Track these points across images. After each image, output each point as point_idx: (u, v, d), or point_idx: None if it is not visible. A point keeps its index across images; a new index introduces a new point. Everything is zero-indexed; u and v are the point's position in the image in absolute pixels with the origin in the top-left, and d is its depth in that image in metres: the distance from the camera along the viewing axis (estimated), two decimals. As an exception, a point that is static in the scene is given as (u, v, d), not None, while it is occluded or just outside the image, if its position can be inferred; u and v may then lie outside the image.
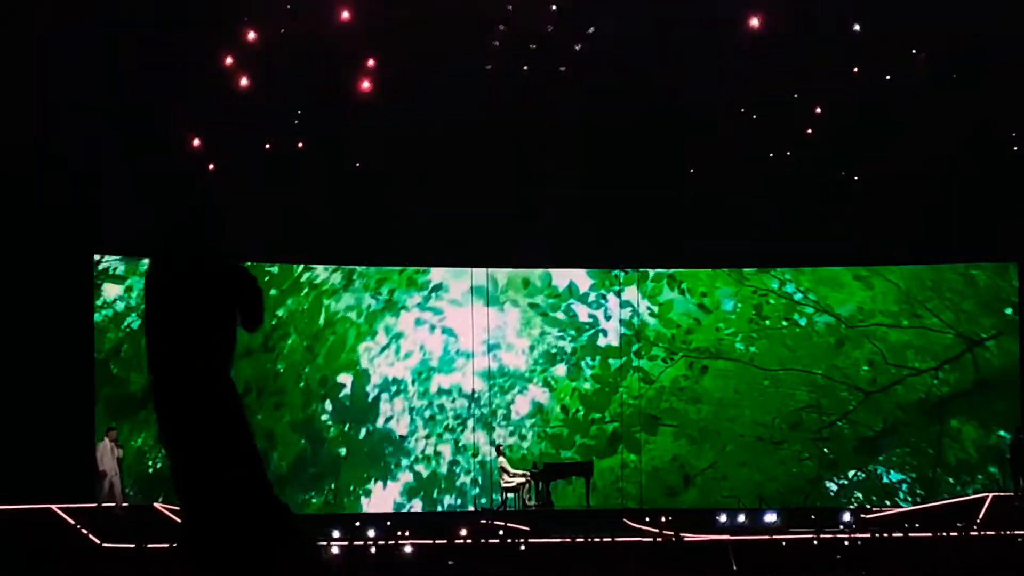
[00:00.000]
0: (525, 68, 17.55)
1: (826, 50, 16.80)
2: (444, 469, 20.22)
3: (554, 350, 20.55)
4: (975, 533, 13.97)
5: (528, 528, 15.97)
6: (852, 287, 20.38)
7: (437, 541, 13.84)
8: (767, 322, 20.39)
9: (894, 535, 13.76)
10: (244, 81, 16.47)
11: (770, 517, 16.40)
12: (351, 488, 19.84)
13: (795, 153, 18.67)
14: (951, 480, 19.55)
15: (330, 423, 20.01)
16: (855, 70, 17.21)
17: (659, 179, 19.11)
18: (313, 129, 18.11)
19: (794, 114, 18.01)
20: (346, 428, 20.09)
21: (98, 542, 14.18)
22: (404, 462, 20.14)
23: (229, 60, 16.27)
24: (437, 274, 20.50)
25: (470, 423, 20.32)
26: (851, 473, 19.88)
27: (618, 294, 20.68)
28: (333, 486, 19.83)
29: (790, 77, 17.37)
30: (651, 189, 19.14)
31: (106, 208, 17.76)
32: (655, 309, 20.63)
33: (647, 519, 17.00)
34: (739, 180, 18.93)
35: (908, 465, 19.73)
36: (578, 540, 13.74)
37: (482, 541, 14.04)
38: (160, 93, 16.61)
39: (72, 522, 15.01)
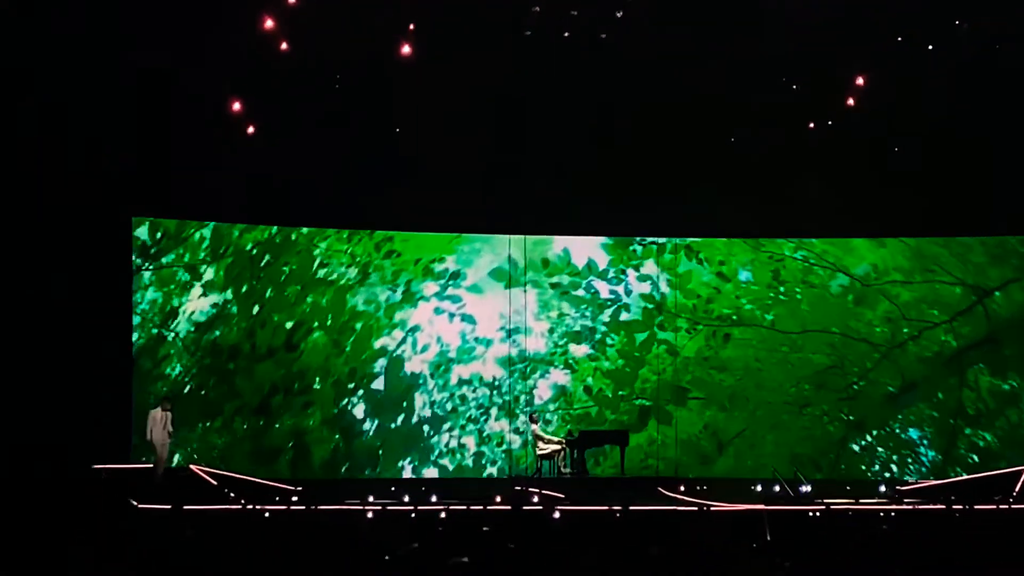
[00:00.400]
0: (566, 34, 17.77)
1: (864, 20, 17.02)
2: (470, 462, 20.51)
3: (577, 328, 20.88)
4: (1009, 507, 14.28)
5: (563, 495, 16.26)
6: (863, 249, 20.80)
7: (472, 507, 14.24)
8: (783, 287, 20.80)
9: (930, 507, 14.16)
10: (283, 45, 16.71)
11: (805, 488, 16.83)
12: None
13: (823, 125, 18.94)
14: (969, 431, 20.10)
15: (363, 416, 20.30)
16: (899, 38, 17.37)
17: (676, 150, 19.40)
18: (344, 95, 18.43)
19: (828, 85, 18.20)
20: (380, 420, 20.38)
21: (135, 503, 14.48)
22: (430, 456, 20.47)
23: (269, 23, 16.40)
24: (450, 261, 20.75)
25: (493, 412, 20.64)
26: (875, 432, 20.36)
27: (657, 264, 20.96)
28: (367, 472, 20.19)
29: (829, 48, 17.60)
30: (668, 159, 19.47)
31: (144, 170, 18.08)
32: (675, 280, 21.01)
33: (682, 488, 17.44)
34: (752, 151, 19.31)
35: (929, 418, 20.23)
36: (612, 508, 13.97)
37: (517, 507, 14.40)
38: (195, 53, 17.02)
39: (109, 482, 15.46)
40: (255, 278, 19.78)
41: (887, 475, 20.05)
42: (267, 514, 13.84)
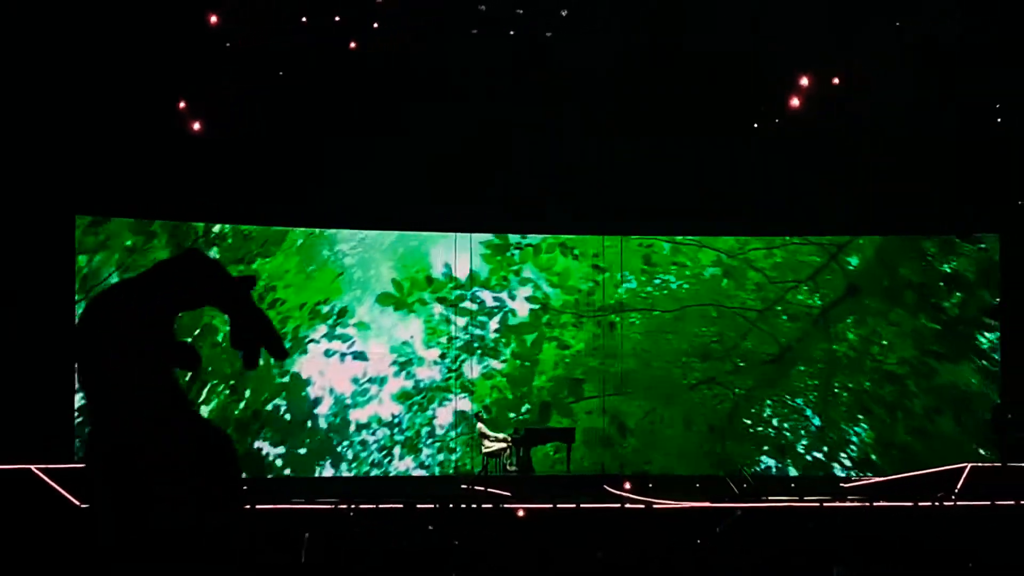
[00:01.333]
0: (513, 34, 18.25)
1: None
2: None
3: (468, 338, 21.42)
4: (952, 503, 15.25)
5: (509, 493, 16.86)
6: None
7: (417, 505, 14.69)
8: (659, 268, 21.87)
9: (873, 504, 14.97)
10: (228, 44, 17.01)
11: (747, 485, 17.67)
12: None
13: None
14: (842, 380, 21.61)
15: (269, 448, 20.54)
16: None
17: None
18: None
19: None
20: (287, 447, 20.68)
21: (76, 503, 14.53)
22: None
23: (213, 18, 16.62)
24: (336, 302, 21.05)
25: (396, 451, 21.07)
26: (764, 401, 21.66)
27: (517, 273, 21.78)
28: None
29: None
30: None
31: (87, 166, 17.95)
32: (555, 279, 21.83)
33: (627, 485, 18.14)
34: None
35: (810, 375, 21.65)
36: (559, 506, 14.74)
37: (462, 505, 14.86)
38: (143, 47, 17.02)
39: (50, 483, 15.32)
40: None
41: (783, 441, 21.48)
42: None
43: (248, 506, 14.28)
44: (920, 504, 14.84)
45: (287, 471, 20.61)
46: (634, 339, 21.71)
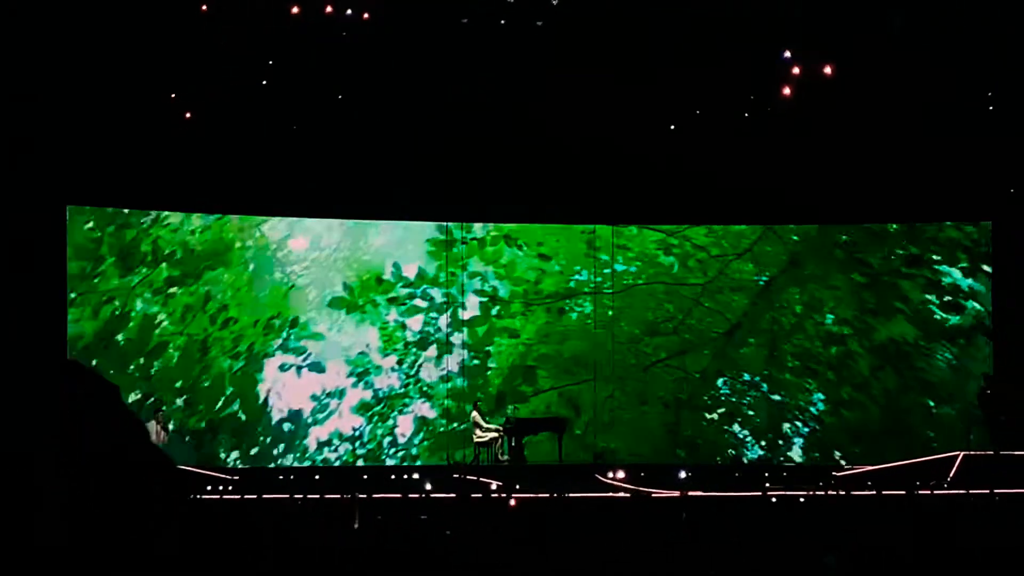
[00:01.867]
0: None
1: None
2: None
3: (424, 335, 21.59)
4: (945, 491, 15.67)
5: (500, 483, 17.09)
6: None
7: (410, 495, 15.00)
8: (602, 253, 22.16)
9: (867, 493, 15.36)
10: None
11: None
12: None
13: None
14: (789, 347, 22.18)
15: (225, 454, 20.61)
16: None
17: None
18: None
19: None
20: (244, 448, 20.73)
21: None
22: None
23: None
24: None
25: (359, 464, 21.11)
26: (720, 381, 22.10)
27: (464, 267, 21.90)
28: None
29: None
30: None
31: (79, 157, 17.86)
32: (502, 271, 22.04)
33: (620, 472, 18.38)
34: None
35: (758, 345, 22.17)
36: (551, 495, 15.09)
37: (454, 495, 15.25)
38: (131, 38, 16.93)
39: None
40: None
41: (739, 419, 22.03)
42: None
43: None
44: (913, 492, 15.22)
45: (244, 465, 20.65)
46: (587, 324, 22.05)
